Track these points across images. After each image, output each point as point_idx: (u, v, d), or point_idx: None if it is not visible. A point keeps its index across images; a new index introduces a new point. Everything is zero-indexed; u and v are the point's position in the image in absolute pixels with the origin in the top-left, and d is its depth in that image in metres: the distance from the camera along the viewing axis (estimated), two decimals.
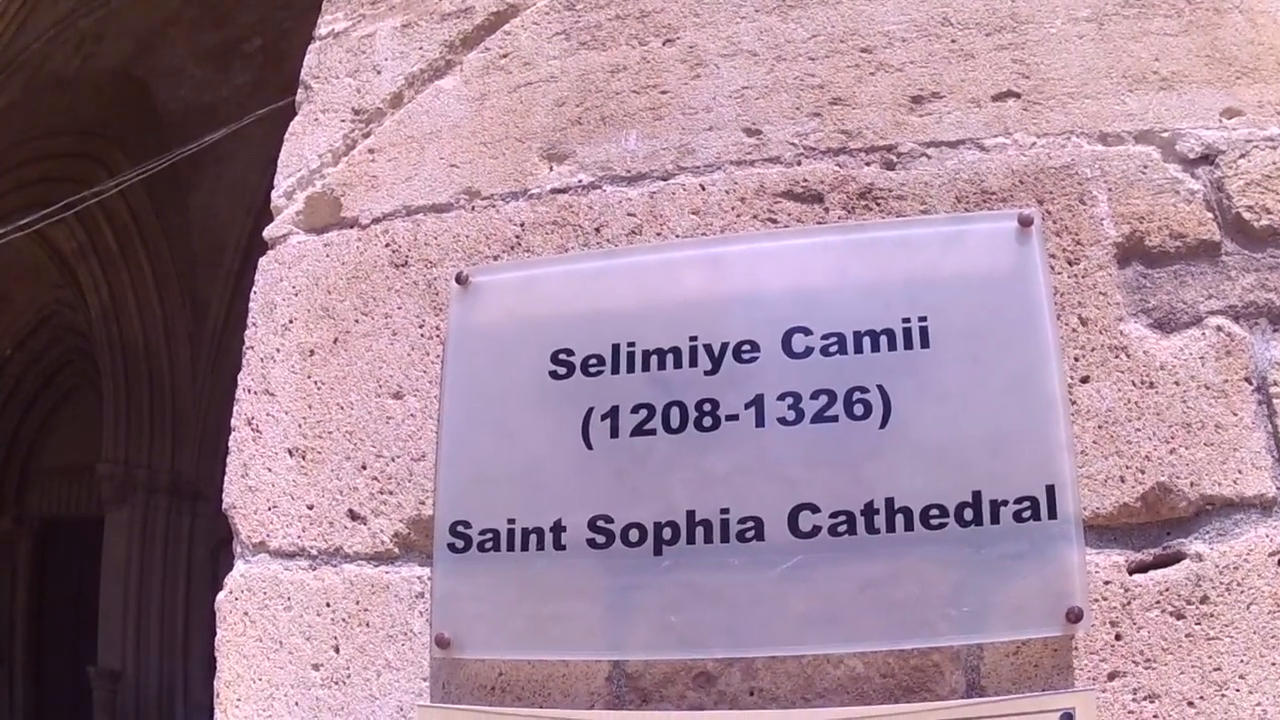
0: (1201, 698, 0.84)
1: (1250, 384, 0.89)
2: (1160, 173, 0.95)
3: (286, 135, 1.16)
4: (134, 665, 6.51)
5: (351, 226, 1.09)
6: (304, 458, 1.05)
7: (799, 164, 0.96)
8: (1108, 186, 0.94)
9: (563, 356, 0.94)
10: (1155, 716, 0.84)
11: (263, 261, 1.13)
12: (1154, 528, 0.88)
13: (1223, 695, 0.84)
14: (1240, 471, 0.88)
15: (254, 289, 1.13)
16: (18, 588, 7.48)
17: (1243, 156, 0.96)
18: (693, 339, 0.91)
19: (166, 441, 6.85)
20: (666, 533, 0.88)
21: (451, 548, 0.93)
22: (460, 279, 0.99)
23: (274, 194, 1.15)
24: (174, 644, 6.48)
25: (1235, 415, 0.89)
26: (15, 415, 7.72)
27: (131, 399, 6.86)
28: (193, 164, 5.89)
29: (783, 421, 0.88)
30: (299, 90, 1.18)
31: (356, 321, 1.05)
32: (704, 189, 0.98)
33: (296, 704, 1.02)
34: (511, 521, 0.92)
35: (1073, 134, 0.96)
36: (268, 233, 1.13)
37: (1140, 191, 0.94)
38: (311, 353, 1.07)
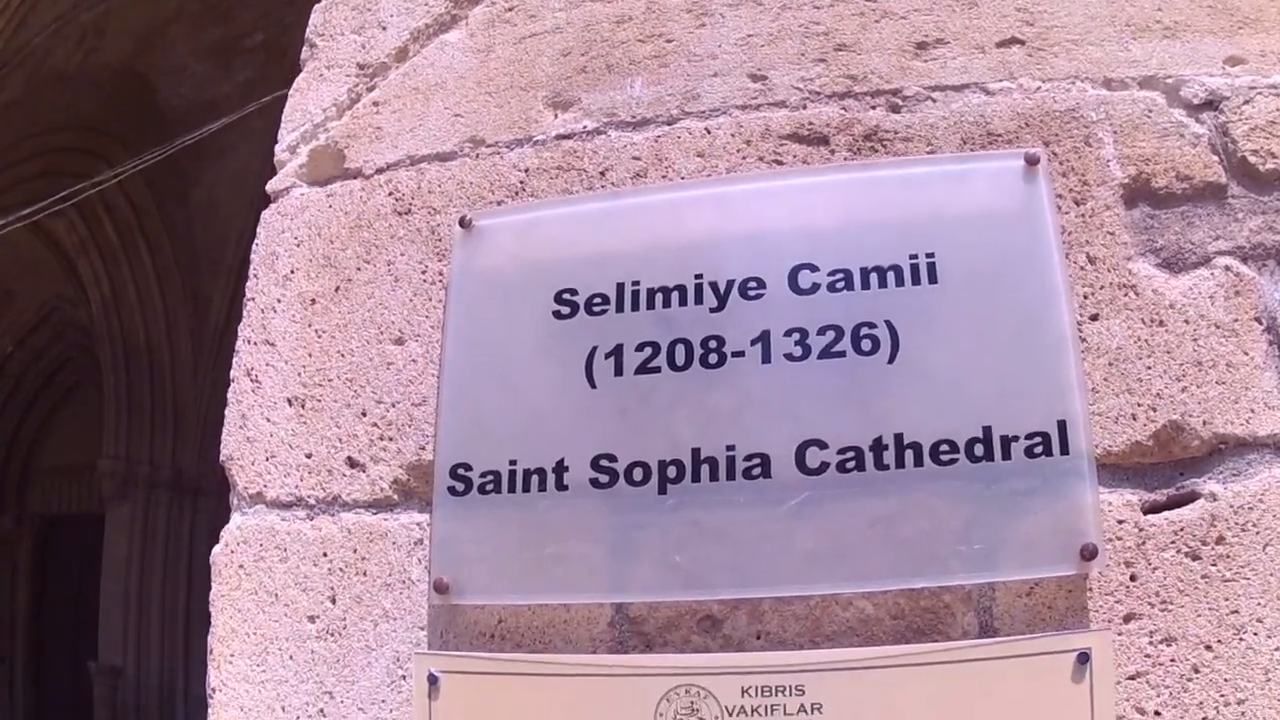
0: (1219, 641, 0.81)
1: (1260, 324, 0.88)
2: (1165, 117, 0.93)
3: (290, 92, 1.15)
4: (134, 661, 6.41)
5: (355, 177, 1.07)
6: (303, 406, 1.02)
7: (804, 108, 0.95)
8: (1113, 129, 0.93)
9: (566, 296, 0.92)
10: (1173, 660, 0.81)
11: (265, 214, 1.11)
12: (1167, 468, 0.85)
13: (1240, 639, 0.81)
14: (1253, 411, 0.86)
15: (255, 242, 1.11)
16: (19, 586, 7.37)
17: (1246, 103, 0.95)
18: (698, 277, 0.89)
19: (168, 437, 6.79)
20: (671, 471, 0.85)
21: (451, 491, 0.90)
22: (464, 223, 0.97)
23: (277, 149, 1.13)
24: (174, 639, 6.38)
25: (1246, 355, 0.87)
26: (16, 413, 7.64)
27: (133, 394, 6.80)
28: (194, 158, 5.88)
29: (789, 357, 0.85)
30: (304, 49, 1.16)
31: (358, 269, 1.03)
32: (709, 132, 0.96)
33: (291, 657, 0.98)
34: (513, 463, 0.89)
35: (1077, 79, 0.95)
36: (270, 186, 1.12)
37: (1145, 135, 0.93)
38: (313, 301, 1.05)
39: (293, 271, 1.06)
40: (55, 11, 5.26)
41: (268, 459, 1.03)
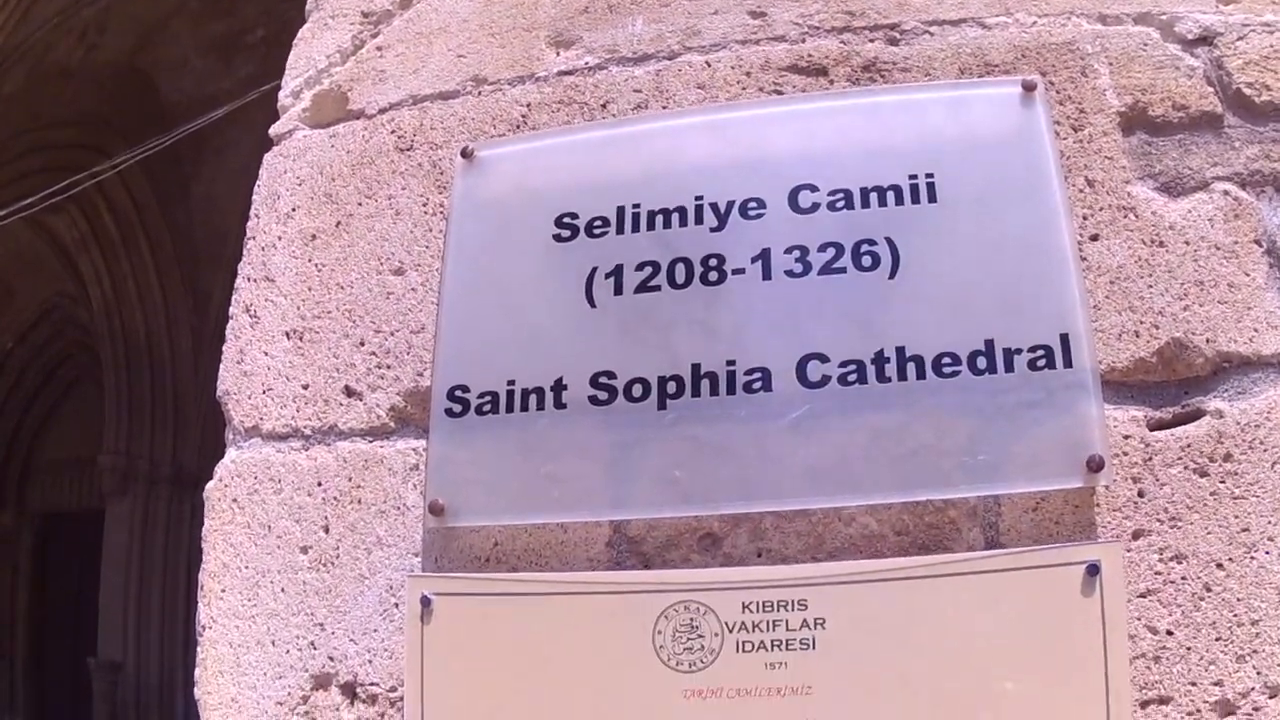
0: (1230, 559, 0.79)
1: (1260, 246, 0.87)
2: (1160, 50, 0.94)
3: (295, 42, 1.15)
4: (134, 656, 6.28)
5: (358, 118, 1.07)
6: (301, 339, 1.01)
7: (804, 41, 0.95)
8: (1109, 61, 0.93)
9: (567, 220, 0.91)
10: (1184, 578, 0.79)
11: (267, 157, 1.10)
12: (1172, 386, 0.84)
13: (1252, 558, 0.79)
14: (1256, 330, 0.84)
15: (257, 184, 1.10)
16: (19, 583, 7.25)
17: (1240, 39, 0.95)
18: (698, 198, 0.88)
19: (168, 432, 6.73)
20: (671, 386, 0.83)
21: (449, 413, 0.88)
22: (465, 153, 0.97)
23: (280, 94, 1.13)
24: (174, 634, 6.26)
25: (1247, 275, 0.86)
26: (17, 410, 7.56)
27: (133, 389, 6.74)
28: (195, 154, 5.88)
29: (790, 274, 0.84)
30: (308, 1, 1.18)
31: (360, 204, 1.03)
32: (709, 65, 0.96)
33: (283, 590, 0.95)
34: (511, 383, 0.87)
35: (1072, 14, 0.95)
36: (273, 130, 1.11)
37: (1141, 66, 0.93)
38: (313, 237, 1.04)
39: (294, 209, 1.06)
40: (57, 6, 5.27)
41: (264, 392, 1.01)
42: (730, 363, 0.82)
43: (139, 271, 6.64)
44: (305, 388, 0.99)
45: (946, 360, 0.80)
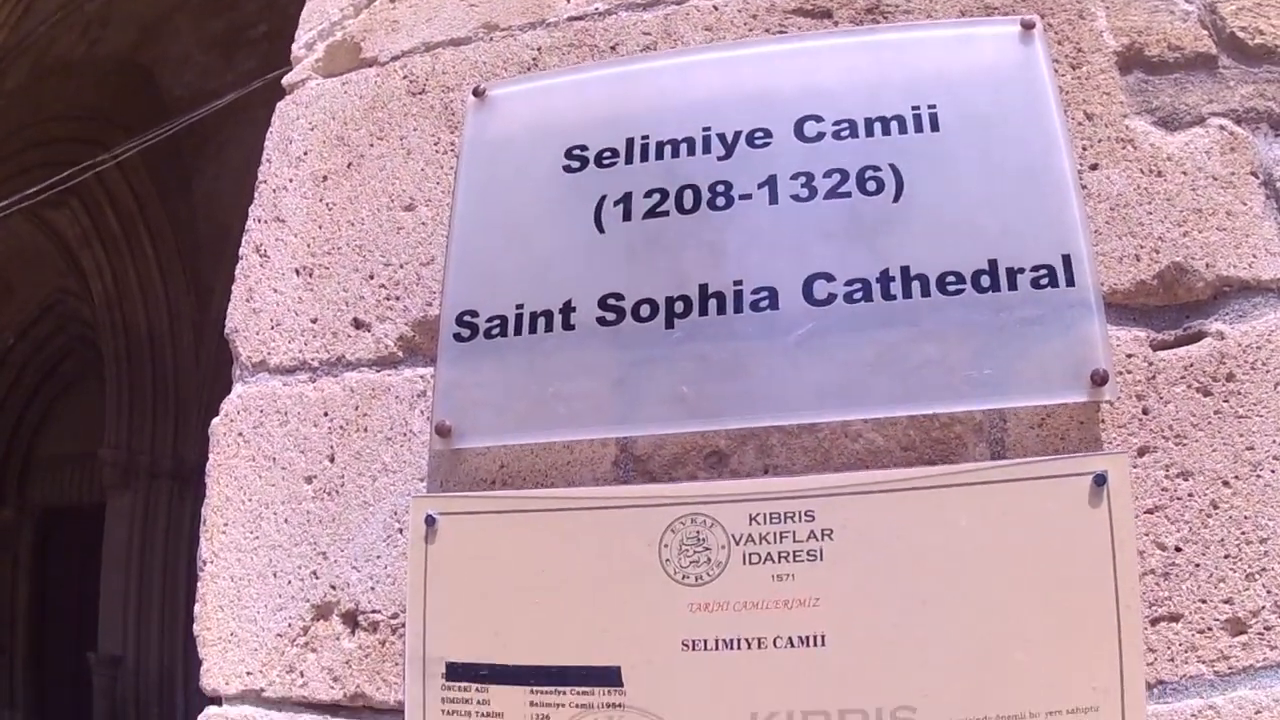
0: (1236, 477, 0.79)
1: (1257, 178, 0.88)
2: None
3: None
4: (134, 651, 6.17)
5: (370, 65, 1.09)
6: (311, 275, 1.01)
7: None
8: (1104, 5, 0.95)
9: (576, 152, 0.92)
10: (1191, 495, 0.79)
11: (280, 105, 1.12)
12: (1173, 310, 0.85)
13: (1258, 475, 0.79)
14: (1255, 256, 0.85)
15: (269, 131, 1.12)
16: (19, 577, 7.14)
17: None
18: (706, 129, 0.90)
19: (169, 427, 6.68)
20: (678, 306, 0.84)
21: (457, 337, 0.89)
22: (477, 91, 0.98)
23: (294, 46, 1.15)
24: (175, 629, 6.16)
25: (1245, 205, 0.87)
26: (18, 406, 7.49)
27: (134, 384, 6.69)
28: (197, 149, 5.89)
29: (796, 198, 0.86)
30: None
31: (371, 145, 1.04)
32: (716, 9, 0.99)
33: (286, 520, 0.95)
34: (519, 307, 0.88)
35: None
36: (286, 80, 1.13)
37: (1136, 10, 0.95)
38: (324, 178, 1.05)
39: (306, 153, 1.07)
40: (60, 0, 5.31)
41: (273, 327, 1.01)
42: (738, 283, 0.83)
43: (141, 266, 6.64)
44: (314, 321, 0.99)
45: (950, 279, 0.81)
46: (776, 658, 0.74)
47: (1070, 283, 0.80)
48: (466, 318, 0.89)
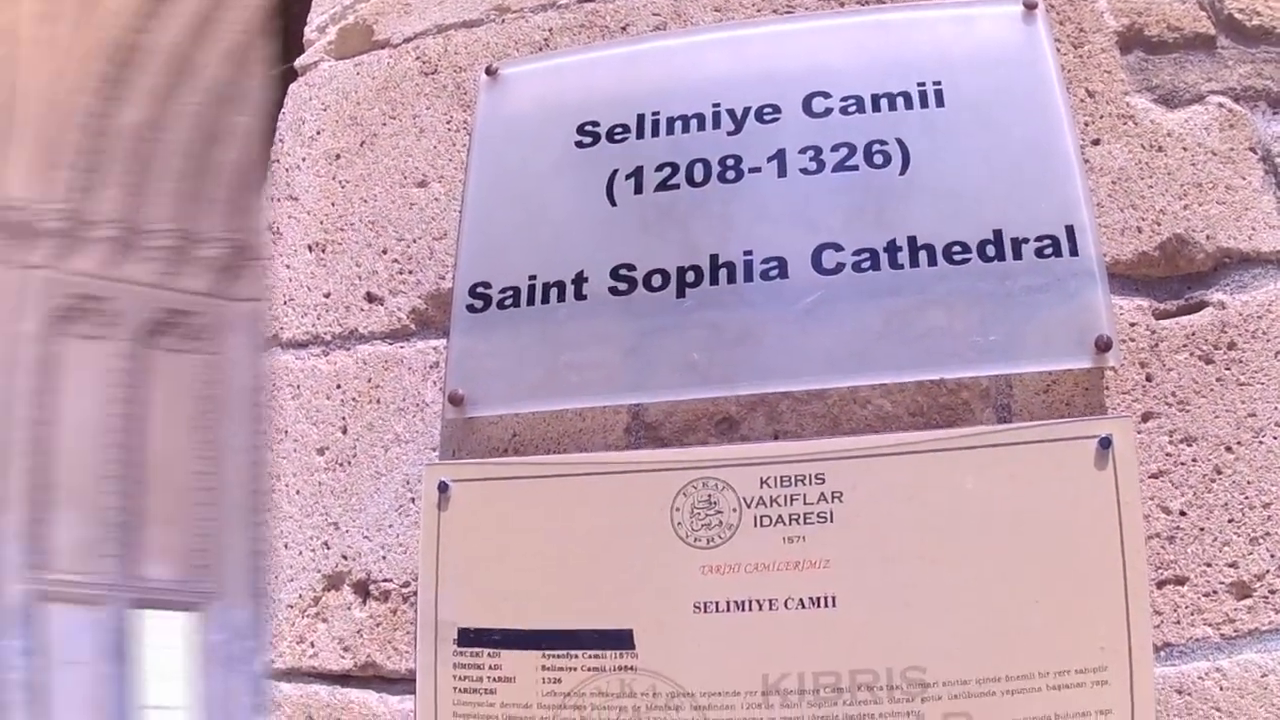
0: (1239, 443, 0.81)
1: (1255, 153, 0.90)
2: None
3: None
4: None
5: (383, 48, 1.11)
6: (324, 251, 1.03)
7: None
8: None
9: (588, 128, 0.94)
10: (1194, 460, 0.80)
11: (292, 87, 1.14)
12: (1174, 281, 0.86)
13: (1260, 442, 0.81)
14: (1255, 229, 0.87)
15: (281, 112, 1.14)
16: None
17: None
18: (715, 105, 0.91)
19: None
20: (689, 276, 0.85)
21: (470, 308, 0.90)
22: (490, 70, 1.00)
23: (306, 30, 1.17)
24: None
25: (1244, 179, 0.89)
26: None
27: None
28: None
29: (804, 171, 0.87)
30: None
31: (384, 124, 1.06)
32: None
33: (297, 492, 0.96)
34: (532, 278, 0.89)
35: None
36: (299, 62, 1.15)
37: None
38: (338, 157, 1.07)
39: (318, 132, 1.09)
40: None
41: (285, 303, 1.03)
42: (747, 253, 0.84)
43: None
44: (326, 296, 1.01)
45: (956, 249, 0.82)
46: (787, 619, 0.75)
47: (1074, 252, 0.82)
48: (480, 289, 0.90)
